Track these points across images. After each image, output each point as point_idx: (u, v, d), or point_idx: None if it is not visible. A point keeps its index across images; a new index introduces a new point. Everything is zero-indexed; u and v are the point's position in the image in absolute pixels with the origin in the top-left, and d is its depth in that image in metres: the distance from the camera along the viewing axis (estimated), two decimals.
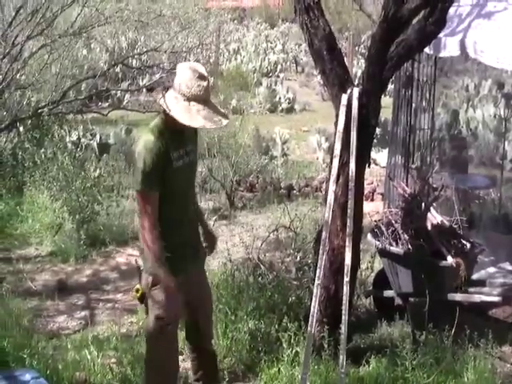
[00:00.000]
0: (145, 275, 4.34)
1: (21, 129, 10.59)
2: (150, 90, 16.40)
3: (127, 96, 16.69)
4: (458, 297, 5.85)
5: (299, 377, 4.90)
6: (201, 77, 4.07)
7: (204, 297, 4.64)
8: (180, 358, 5.00)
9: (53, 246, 8.00)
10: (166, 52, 12.93)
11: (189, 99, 4.05)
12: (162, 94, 4.13)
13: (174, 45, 12.91)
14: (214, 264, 6.43)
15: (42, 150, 9.88)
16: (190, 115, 4.03)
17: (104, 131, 12.46)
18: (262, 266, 6.14)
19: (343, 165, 5.21)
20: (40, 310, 6.51)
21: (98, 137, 11.76)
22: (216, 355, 4.92)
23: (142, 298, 4.36)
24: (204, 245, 4.68)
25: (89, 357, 5.29)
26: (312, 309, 4.99)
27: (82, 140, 11.34)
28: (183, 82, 4.06)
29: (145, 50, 13.07)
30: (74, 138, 11.28)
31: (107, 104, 16.22)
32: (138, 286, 4.38)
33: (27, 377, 3.97)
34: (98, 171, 8.78)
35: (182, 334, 4.82)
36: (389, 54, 5.16)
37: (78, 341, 5.72)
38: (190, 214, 4.43)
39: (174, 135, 4.15)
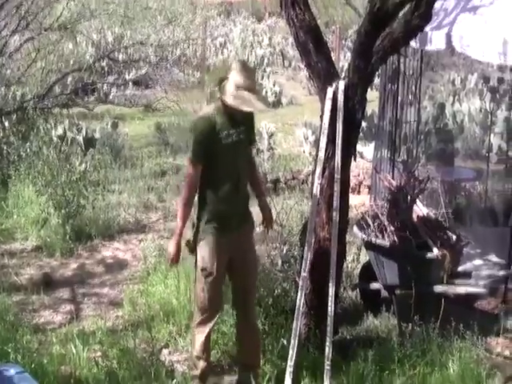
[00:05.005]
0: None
1: (6, 123, 10.54)
2: (136, 83, 16.37)
3: (113, 90, 16.62)
4: (444, 289, 5.87)
5: (285, 369, 4.91)
6: (247, 70, 4.80)
7: (249, 266, 4.99)
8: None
9: (38, 240, 7.96)
10: (152, 45, 12.92)
11: (238, 88, 4.69)
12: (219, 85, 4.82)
13: (160, 38, 12.89)
14: None
15: (28, 144, 9.83)
16: (240, 101, 4.69)
17: (90, 125, 12.38)
18: None
19: (329, 158, 5.21)
20: (25, 305, 6.48)
21: (83, 131, 11.70)
22: (259, 332, 5.14)
23: (192, 250, 4.85)
24: (262, 222, 5.25)
25: (74, 351, 5.27)
26: (298, 301, 5.01)
27: (68, 134, 11.26)
28: (236, 75, 4.72)
29: (131, 43, 13.05)
30: (60, 132, 11.21)
31: (93, 98, 16.15)
32: (189, 238, 4.85)
33: (11, 372, 3.90)
34: (83, 165, 8.75)
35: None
36: (375, 48, 5.16)
37: (64, 335, 5.70)
38: (239, 185, 4.88)
39: (225, 117, 4.76)
